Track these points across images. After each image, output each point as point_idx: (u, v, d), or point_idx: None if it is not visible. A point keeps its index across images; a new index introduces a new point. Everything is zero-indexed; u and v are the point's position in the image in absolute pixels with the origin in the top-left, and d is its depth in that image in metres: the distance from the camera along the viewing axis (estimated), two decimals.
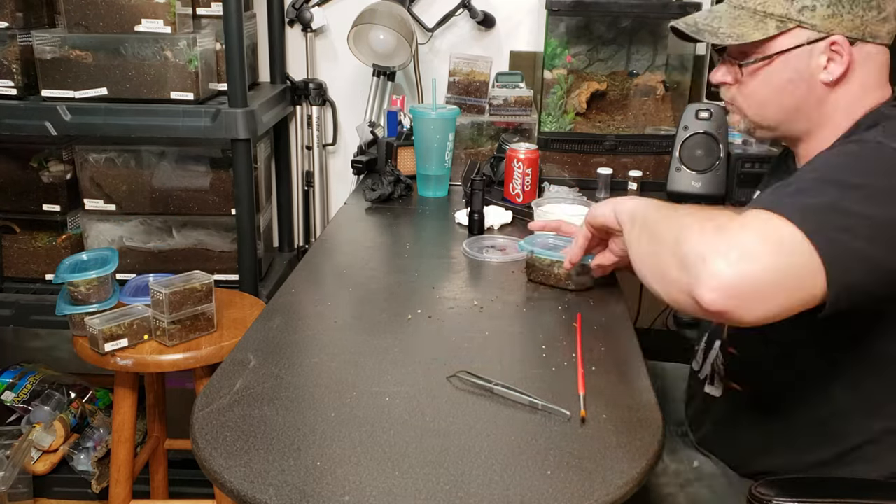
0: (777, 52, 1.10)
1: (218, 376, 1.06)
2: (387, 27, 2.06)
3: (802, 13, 1.07)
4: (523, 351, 1.17)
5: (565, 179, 2.04)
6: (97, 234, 2.07)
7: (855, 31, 1.07)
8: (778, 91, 1.12)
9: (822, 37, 1.07)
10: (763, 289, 0.88)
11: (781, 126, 1.15)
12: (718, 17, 1.15)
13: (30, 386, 2.29)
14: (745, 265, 0.87)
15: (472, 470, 0.87)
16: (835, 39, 1.07)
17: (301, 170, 2.43)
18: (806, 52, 1.08)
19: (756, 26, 1.10)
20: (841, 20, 1.06)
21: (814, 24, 1.07)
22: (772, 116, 1.15)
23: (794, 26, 1.08)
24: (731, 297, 0.87)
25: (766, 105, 1.14)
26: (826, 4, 1.06)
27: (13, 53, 1.87)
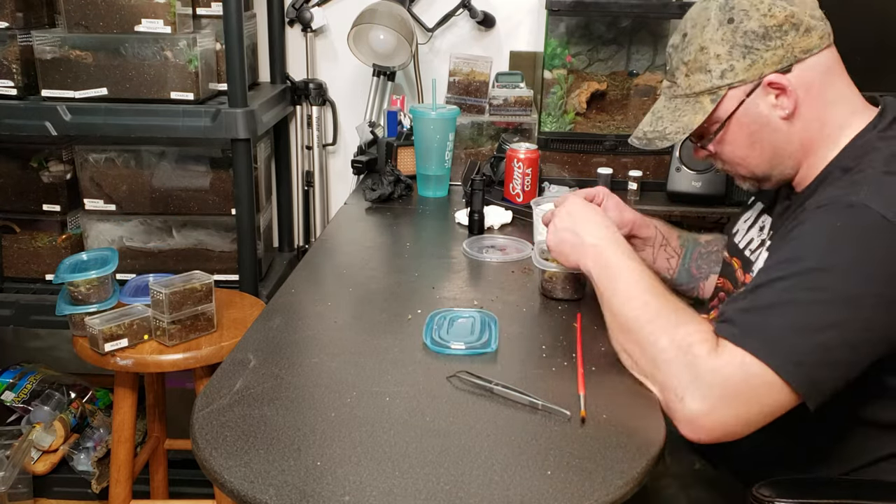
0: (726, 119, 1.12)
1: (218, 376, 1.06)
2: (387, 27, 2.06)
3: (724, 77, 1.10)
4: (523, 351, 1.17)
5: (565, 179, 2.04)
6: (97, 234, 2.07)
7: (784, 61, 1.07)
8: (750, 146, 1.14)
9: (756, 84, 1.09)
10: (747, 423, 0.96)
11: (775, 171, 1.16)
12: (660, 117, 1.19)
13: (30, 386, 2.29)
14: (720, 413, 0.94)
15: (472, 470, 0.87)
16: (769, 80, 1.08)
17: (301, 170, 2.43)
18: (751, 104, 1.10)
19: (694, 109, 1.13)
20: (764, 61, 1.08)
21: (741, 79, 1.09)
22: (759, 169, 1.16)
23: (726, 91, 1.11)
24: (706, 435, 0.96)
25: (747, 161, 1.16)
26: (741, 56, 1.08)
27: (13, 53, 1.87)
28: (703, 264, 1.46)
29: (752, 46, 1.07)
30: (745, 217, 1.33)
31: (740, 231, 1.32)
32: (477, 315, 1.24)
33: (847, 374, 0.96)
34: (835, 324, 0.94)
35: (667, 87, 1.20)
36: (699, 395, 0.94)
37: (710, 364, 0.95)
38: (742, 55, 1.08)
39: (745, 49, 1.08)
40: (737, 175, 1.21)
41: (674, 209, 1.93)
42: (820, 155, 1.11)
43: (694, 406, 0.94)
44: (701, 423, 0.95)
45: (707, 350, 0.96)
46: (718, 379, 0.94)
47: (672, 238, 1.46)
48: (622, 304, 1.08)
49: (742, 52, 1.08)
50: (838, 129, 1.10)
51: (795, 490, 1.01)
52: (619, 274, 1.11)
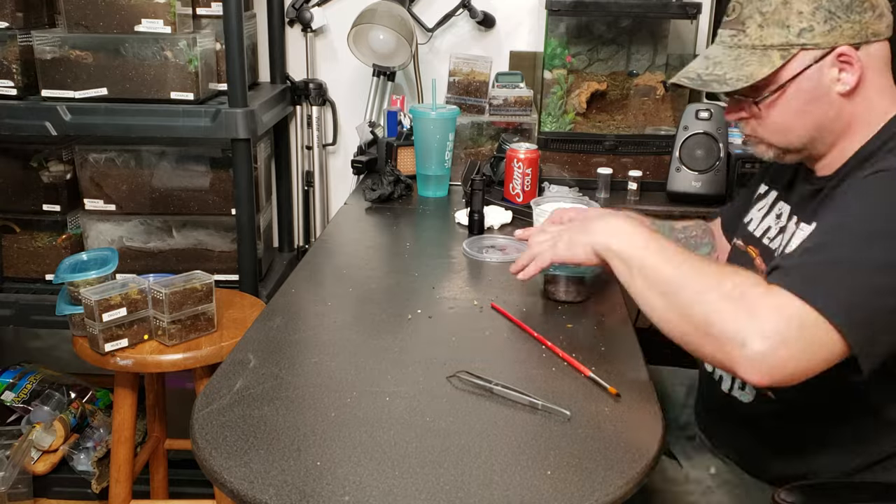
0: (788, 80, 1.09)
1: (218, 376, 1.06)
2: (387, 27, 2.06)
3: (802, 35, 1.07)
4: (523, 351, 1.17)
5: (565, 179, 2.04)
6: (97, 234, 2.07)
7: (857, 37, 1.06)
8: (799, 115, 1.11)
9: (827, 52, 1.07)
10: (798, 370, 0.93)
11: (808, 146, 1.14)
12: (718, 62, 1.14)
13: (30, 386, 2.29)
14: (783, 351, 0.91)
15: (472, 470, 0.87)
16: (841, 51, 1.06)
17: (301, 170, 2.43)
18: (816, 71, 1.08)
19: (760, 62, 1.09)
20: (841, 31, 1.06)
21: (816, 42, 1.07)
22: (797, 140, 1.13)
23: (798, 51, 1.08)
24: (769, 378, 0.92)
25: (791, 130, 1.13)
26: (823, 20, 1.06)
27: (13, 53, 1.87)
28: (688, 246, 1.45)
29: (835, 13, 1.06)
30: (759, 206, 1.31)
31: (754, 220, 1.30)
32: None
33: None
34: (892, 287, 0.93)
35: (729, 35, 1.14)
36: (759, 336, 0.91)
37: (767, 304, 0.93)
38: (824, 19, 1.06)
39: (829, 14, 1.06)
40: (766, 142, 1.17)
41: (674, 209, 1.93)
42: (856, 138, 1.11)
43: (756, 346, 0.91)
44: (767, 364, 0.91)
45: (761, 293, 0.94)
46: (777, 319, 0.92)
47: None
48: (656, 270, 1.03)
49: (825, 16, 1.06)
50: (878, 117, 1.10)
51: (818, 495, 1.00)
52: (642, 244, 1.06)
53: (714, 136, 1.89)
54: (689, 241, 1.45)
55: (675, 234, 1.46)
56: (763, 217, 1.27)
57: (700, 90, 1.16)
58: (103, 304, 1.48)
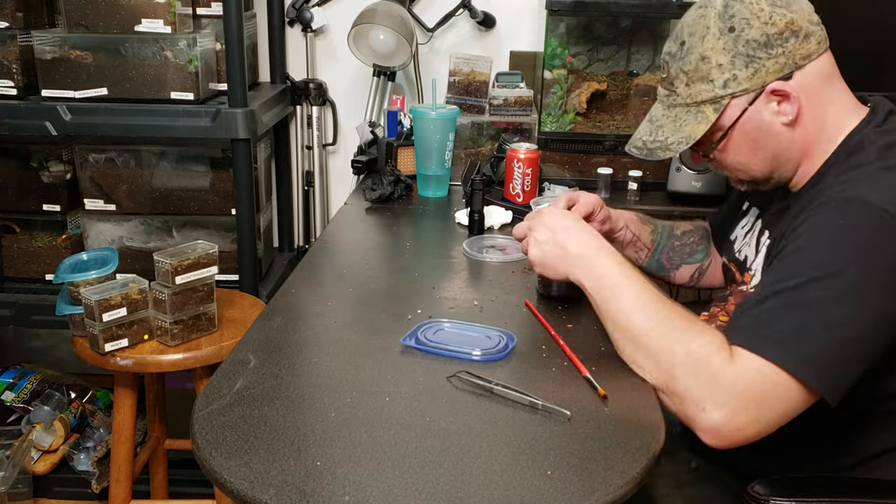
0: (729, 128, 1.12)
1: (218, 376, 1.06)
2: (387, 27, 2.06)
3: (727, 86, 1.09)
4: (523, 351, 1.17)
5: (565, 179, 2.04)
6: (97, 234, 2.07)
7: (786, 69, 1.08)
8: (752, 153, 1.14)
9: (758, 93, 1.09)
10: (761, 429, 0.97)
11: (774, 174, 1.16)
12: (660, 126, 1.18)
13: (30, 386, 2.29)
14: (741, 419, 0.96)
15: (472, 470, 0.87)
16: (772, 87, 1.08)
17: (301, 170, 2.43)
18: (754, 112, 1.10)
19: (696, 119, 1.13)
20: (766, 70, 1.08)
21: (744, 88, 1.09)
22: (759, 173, 1.17)
23: (729, 100, 1.10)
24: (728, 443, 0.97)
25: (750, 167, 1.16)
26: (744, 65, 1.08)
27: (13, 53, 1.87)
28: (675, 256, 1.47)
29: (754, 55, 1.07)
30: (742, 224, 1.33)
31: (738, 238, 1.32)
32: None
33: (861, 367, 0.97)
34: (845, 320, 0.95)
35: (665, 96, 1.19)
36: (720, 404, 0.95)
37: (728, 373, 0.96)
38: (745, 64, 1.08)
39: (748, 58, 1.08)
40: (735, 179, 1.21)
41: (674, 209, 1.93)
42: (818, 156, 1.12)
43: (716, 416, 0.95)
44: (724, 432, 0.96)
45: (723, 359, 0.97)
46: (738, 387, 0.95)
47: (644, 234, 1.46)
48: (628, 317, 1.06)
49: (745, 61, 1.08)
50: (834, 130, 1.11)
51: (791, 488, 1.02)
52: (616, 285, 1.09)
53: None
54: (685, 247, 1.47)
55: (671, 242, 1.47)
56: (745, 235, 1.30)
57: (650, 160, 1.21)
58: (103, 304, 1.48)
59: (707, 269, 1.47)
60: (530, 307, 1.29)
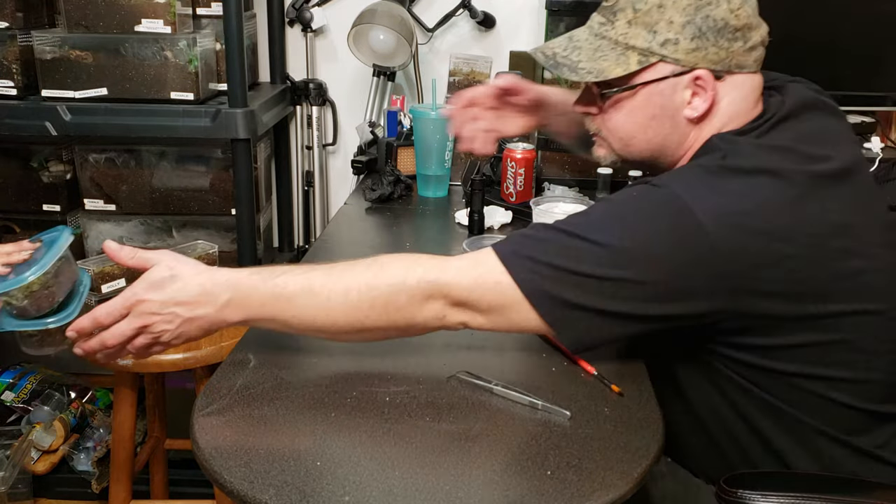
0: (640, 84, 1.07)
1: (218, 376, 1.06)
2: (387, 27, 2.06)
3: (665, 47, 1.04)
4: (523, 351, 1.17)
5: (565, 179, 2.04)
6: (97, 234, 2.07)
7: (720, 64, 1.04)
8: (642, 126, 1.10)
9: (685, 70, 1.05)
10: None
11: (647, 161, 1.14)
12: (578, 48, 1.11)
13: (30, 386, 2.29)
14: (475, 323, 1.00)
15: (472, 470, 0.87)
16: (699, 74, 1.04)
17: (301, 170, 2.43)
18: (670, 86, 1.06)
19: (617, 60, 1.07)
20: (706, 53, 1.03)
21: (677, 58, 1.04)
22: (636, 151, 1.13)
23: (657, 61, 1.05)
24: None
25: (632, 141, 1.12)
26: (690, 37, 1.03)
27: (13, 53, 1.87)
28: None
29: (705, 33, 1.03)
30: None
31: None
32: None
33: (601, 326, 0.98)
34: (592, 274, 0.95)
35: (598, 23, 1.11)
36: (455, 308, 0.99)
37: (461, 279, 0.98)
38: (692, 36, 1.03)
39: (698, 31, 1.03)
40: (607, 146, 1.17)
41: None
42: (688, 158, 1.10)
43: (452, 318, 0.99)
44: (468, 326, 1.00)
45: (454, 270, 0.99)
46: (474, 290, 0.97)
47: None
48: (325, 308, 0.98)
49: (693, 33, 1.03)
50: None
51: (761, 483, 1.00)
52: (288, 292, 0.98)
53: None
54: None
55: None
56: None
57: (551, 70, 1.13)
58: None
59: None
60: None
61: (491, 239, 1.62)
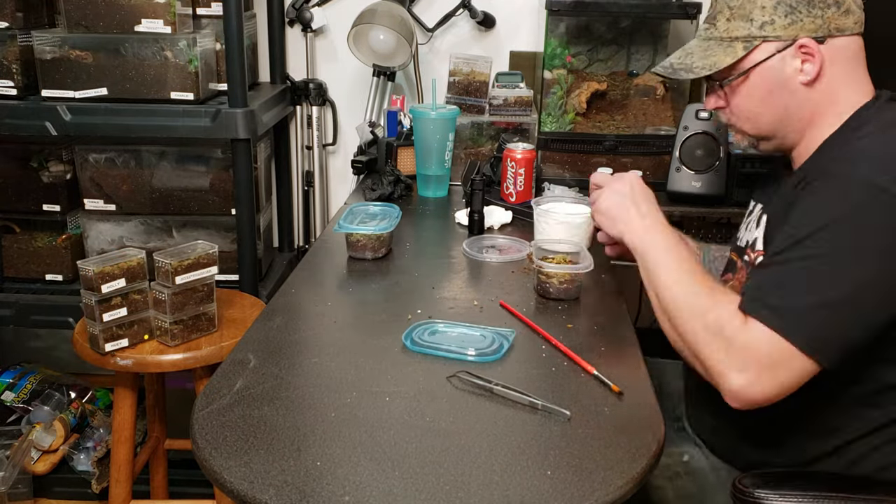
0: (751, 67, 1.16)
1: (218, 376, 1.06)
2: (387, 27, 2.06)
3: (763, 28, 1.14)
4: (523, 351, 1.17)
5: (565, 179, 2.04)
6: (97, 234, 2.07)
7: (820, 31, 1.12)
8: (763, 102, 1.18)
9: (788, 43, 1.13)
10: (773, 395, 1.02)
11: (778, 133, 1.19)
12: (690, 52, 1.23)
13: (30, 386, 2.29)
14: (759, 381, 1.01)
15: (472, 470, 0.87)
16: (802, 42, 1.12)
17: (301, 170, 2.43)
18: (778, 61, 1.14)
19: (725, 52, 1.18)
20: (802, 24, 1.12)
21: (777, 35, 1.14)
22: (766, 127, 1.20)
23: (760, 42, 1.15)
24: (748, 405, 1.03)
25: (757, 117, 1.20)
26: (784, 14, 1.13)
27: (13, 53, 1.87)
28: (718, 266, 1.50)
29: (796, 7, 1.12)
30: (745, 222, 1.35)
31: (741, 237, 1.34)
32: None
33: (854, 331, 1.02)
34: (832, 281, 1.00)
35: (704, 30, 1.23)
36: (738, 370, 1.01)
37: (741, 339, 1.02)
38: (785, 13, 1.13)
39: (790, 8, 1.12)
40: (740, 130, 1.25)
41: (674, 209, 1.93)
42: (823, 129, 1.15)
43: (736, 380, 1.01)
44: (745, 395, 1.01)
45: (735, 327, 1.03)
46: (750, 352, 1.01)
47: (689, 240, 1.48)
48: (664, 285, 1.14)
49: (786, 10, 1.13)
50: (844, 106, 1.14)
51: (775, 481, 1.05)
52: (660, 255, 1.17)
53: (714, 136, 1.89)
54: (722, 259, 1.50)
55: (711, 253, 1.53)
56: (746, 228, 1.33)
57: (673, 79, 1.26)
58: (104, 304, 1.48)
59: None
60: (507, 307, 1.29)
61: (491, 239, 1.63)
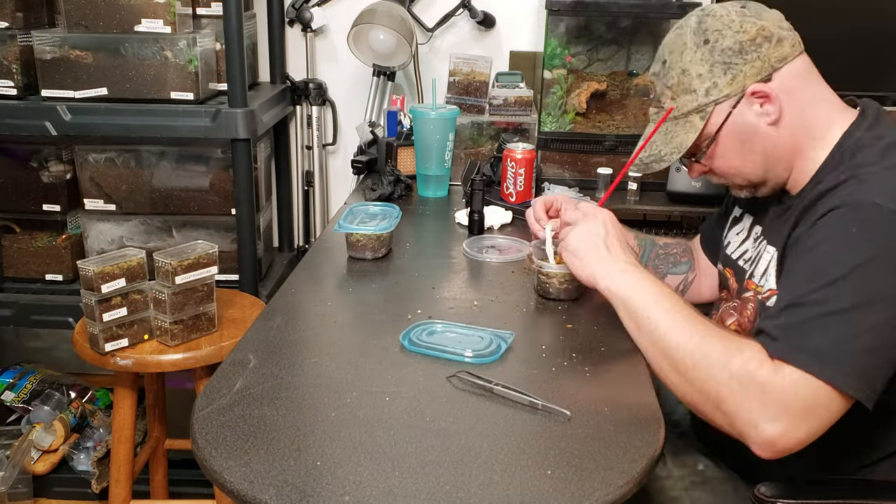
0: (716, 131, 1.17)
1: (218, 376, 1.06)
2: (387, 27, 2.06)
3: (709, 94, 1.15)
4: (523, 351, 1.17)
5: (565, 179, 2.04)
6: (97, 234, 2.07)
7: (763, 71, 1.12)
8: (740, 156, 1.18)
9: (739, 97, 1.14)
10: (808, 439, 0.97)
11: (769, 176, 1.18)
12: (653, 142, 1.24)
13: (30, 386, 2.29)
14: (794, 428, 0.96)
15: (472, 470, 0.87)
16: (752, 90, 1.13)
17: (301, 170, 2.43)
18: (738, 115, 1.15)
19: (685, 130, 1.18)
20: (744, 74, 1.13)
21: (725, 94, 1.14)
22: (754, 175, 1.19)
23: (713, 107, 1.15)
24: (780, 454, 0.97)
25: (741, 169, 1.19)
26: (722, 73, 1.13)
27: (13, 53, 1.87)
28: (661, 264, 1.48)
29: (730, 62, 1.12)
30: (736, 230, 1.35)
31: (732, 243, 1.34)
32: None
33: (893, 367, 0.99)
34: (874, 325, 0.96)
35: (654, 114, 1.24)
36: (771, 419, 0.95)
37: (776, 387, 0.96)
38: (723, 71, 1.13)
39: (725, 65, 1.13)
40: (733, 185, 1.24)
41: (674, 209, 1.93)
42: (810, 156, 1.14)
43: (769, 430, 0.95)
44: (779, 445, 0.96)
45: (767, 374, 0.97)
46: (786, 400, 0.95)
47: (629, 237, 1.46)
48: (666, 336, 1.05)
49: (722, 69, 1.13)
50: (823, 129, 1.13)
51: (797, 490, 1.03)
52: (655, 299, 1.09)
53: None
54: (668, 257, 1.48)
55: (655, 249, 1.48)
56: (742, 242, 1.32)
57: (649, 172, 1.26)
58: (104, 304, 1.48)
59: (692, 283, 1.48)
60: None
61: (491, 239, 1.62)
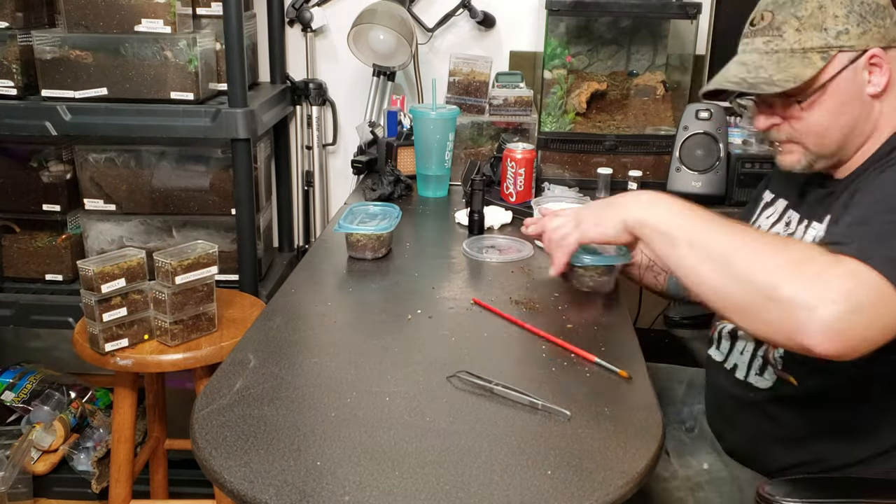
0: (828, 80, 1.12)
1: (218, 376, 1.06)
2: (387, 27, 2.06)
3: (839, 38, 1.12)
4: (523, 351, 1.17)
5: (565, 179, 2.04)
6: (97, 234, 2.07)
7: (884, 40, 1.12)
8: (835, 116, 1.14)
9: (860, 54, 1.12)
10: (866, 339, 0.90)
11: (840, 150, 1.16)
12: (760, 66, 1.15)
13: (30, 386, 2.29)
14: (854, 318, 0.89)
15: (472, 470, 0.87)
16: (873, 52, 1.11)
17: (301, 170, 2.43)
18: (851, 72, 1.12)
19: (803, 63, 1.13)
20: (872, 34, 1.11)
21: (851, 45, 1.12)
22: (831, 143, 1.16)
23: (836, 53, 1.12)
24: (839, 345, 0.89)
25: (827, 132, 1.15)
26: (856, 23, 1.11)
27: (13, 53, 1.87)
28: None
29: (865, 17, 1.11)
30: (767, 213, 1.32)
31: (763, 227, 1.31)
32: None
33: None
34: None
35: (764, 42, 1.16)
36: (831, 301, 0.89)
37: (837, 271, 0.91)
38: (857, 22, 1.11)
39: (861, 17, 1.11)
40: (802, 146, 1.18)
41: None
42: (878, 141, 1.14)
43: (828, 311, 0.88)
44: (837, 329, 0.88)
45: (829, 260, 0.92)
46: (847, 286, 0.90)
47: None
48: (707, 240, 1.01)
49: (857, 19, 1.11)
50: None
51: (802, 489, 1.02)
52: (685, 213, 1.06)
53: (714, 136, 1.89)
54: None
55: None
56: (772, 225, 1.29)
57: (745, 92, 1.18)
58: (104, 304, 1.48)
59: None
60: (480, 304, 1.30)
61: (491, 239, 1.62)
